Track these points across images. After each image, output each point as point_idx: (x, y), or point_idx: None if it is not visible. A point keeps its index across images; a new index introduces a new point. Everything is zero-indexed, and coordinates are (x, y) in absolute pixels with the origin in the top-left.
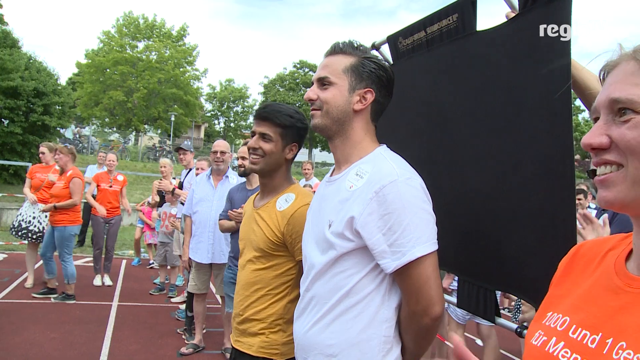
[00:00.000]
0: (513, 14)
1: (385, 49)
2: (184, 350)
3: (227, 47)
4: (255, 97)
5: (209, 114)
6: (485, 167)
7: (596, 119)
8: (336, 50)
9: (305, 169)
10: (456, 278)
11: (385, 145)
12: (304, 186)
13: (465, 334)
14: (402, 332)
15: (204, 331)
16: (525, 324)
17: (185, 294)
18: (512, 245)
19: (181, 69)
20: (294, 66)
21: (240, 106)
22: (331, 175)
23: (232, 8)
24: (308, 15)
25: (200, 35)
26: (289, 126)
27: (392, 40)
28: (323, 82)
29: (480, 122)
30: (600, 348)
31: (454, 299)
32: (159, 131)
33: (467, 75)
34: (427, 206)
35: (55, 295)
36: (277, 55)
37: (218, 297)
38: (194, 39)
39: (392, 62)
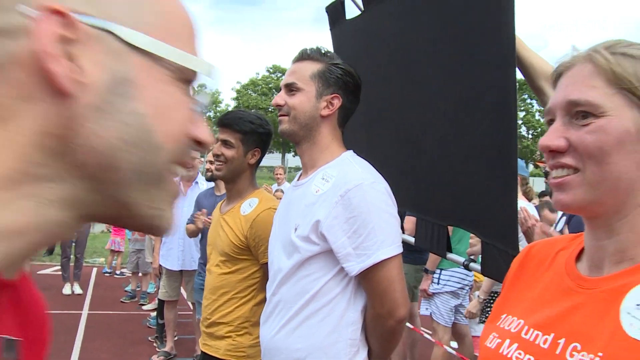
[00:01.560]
0: None
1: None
2: (155, 358)
3: (201, 52)
4: (228, 103)
5: None
6: (442, 111)
7: (550, 121)
8: (304, 56)
9: (277, 174)
10: (434, 279)
11: (352, 151)
12: (276, 191)
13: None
14: (368, 335)
15: (176, 338)
16: (472, 257)
17: (157, 301)
18: (462, 184)
19: None
20: (267, 71)
21: (212, 111)
22: (298, 179)
23: (206, 13)
24: (282, 20)
25: None
26: (250, 132)
27: None
28: (291, 88)
29: (440, 66)
30: (553, 348)
31: (411, 239)
32: None
33: (430, 21)
34: (392, 210)
35: None
36: (250, 61)
37: (189, 303)
38: None
39: (362, 9)
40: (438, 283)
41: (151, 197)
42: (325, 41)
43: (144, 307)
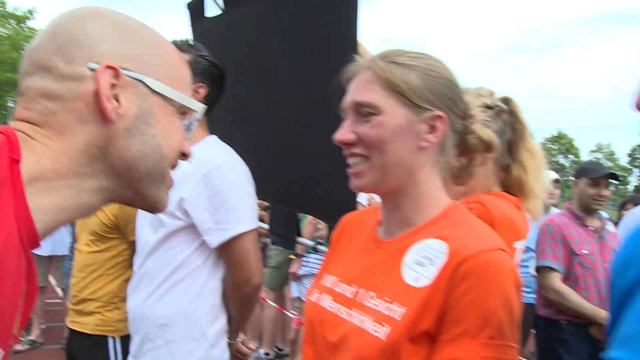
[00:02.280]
0: None
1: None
2: (19, 347)
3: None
4: None
5: None
6: (291, 109)
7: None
8: (183, 49)
9: None
10: (303, 262)
11: (215, 136)
12: None
13: None
14: (228, 302)
15: (43, 327)
16: (321, 240)
17: None
18: (308, 174)
19: (21, 52)
20: None
21: None
22: None
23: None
24: (166, 2)
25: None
26: None
27: None
28: None
29: (289, 68)
30: (355, 297)
31: (267, 225)
32: None
33: (281, 23)
34: (250, 189)
35: None
36: None
37: (59, 290)
38: (42, 23)
39: (222, 8)
40: (307, 266)
41: (157, 189)
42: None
43: None
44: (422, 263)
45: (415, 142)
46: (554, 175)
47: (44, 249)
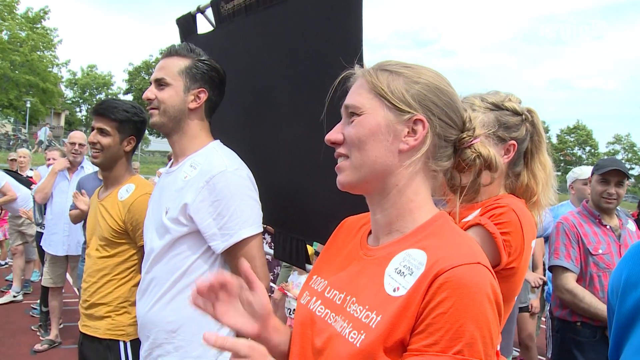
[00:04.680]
0: None
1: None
2: (38, 347)
3: (90, 32)
4: (120, 85)
5: (69, 102)
6: (296, 128)
7: None
8: (172, 52)
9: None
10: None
11: (219, 141)
12: None
13: None
14: None
15: (61, 326)
16: None
17: (13, 294)
18: (316, 200)
19: (39, 53)
20: (161, 53)
21: (104, 93)
22: (170, 167)
23: None
24: (174, 2)
25: (61, 18)
26: (125, 120)
27: (215, 4)
28: (160, 83)
29: (292, 85)
30: (342, 303)
31: (271, 251)
32: (11, 119)
33: (280, 42)
34: (253, 194)
35: None
36: (142, 42)
37: (75, 289)
38: (55, 23)
39: (215, 25)
40: None
41: None
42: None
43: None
44: (402, 272)
45: (395, 144)
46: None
47: (60, 249)
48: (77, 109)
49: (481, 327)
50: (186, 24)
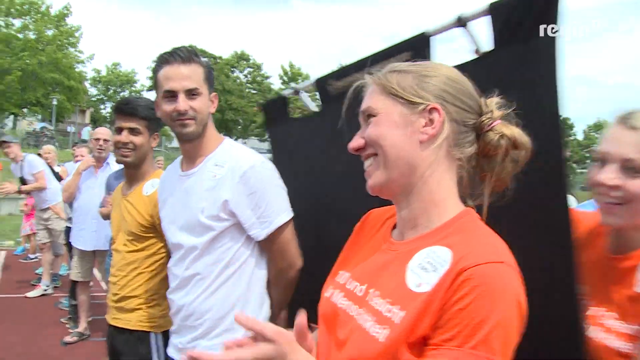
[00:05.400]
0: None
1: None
2: (68, 338)
3: (113, 29)
4: (145, 83)
5: (94, 99)
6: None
7: None
8: (190, 59)
9: None
10: None
11: (227, 137)
12: None
13: None
14: (272, 288)
15: (89, 319)
16: None
17: (44, 288)
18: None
19: (64, 52)
20: None
21: (127, 91)
22: (183, 170)
23: None
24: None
25: (84, 16)
26: (154, 118)
27: (321, 82)
28: (192, 93)
29: None
30: (364, 295)
31: None
32: (39, 116)
33: None
34: (281, 182)
35: None
36: (166, 39)
37: (103, 284)
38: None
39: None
40: None
41: None
42: (237, 23)
43: (28, 295)
44: (426, 269)
45: (414, 136)
46: None
47: (88, 243)
48: (102, 106)
49: (500, 325)
50: (275, 107)
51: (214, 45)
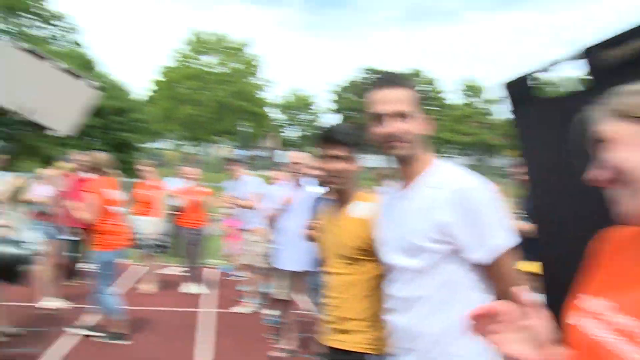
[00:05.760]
0: None
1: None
2: (275, 354)
3: (293, 56)
4: (322, 105)
5: (279, 124)
6: None
7: None
8: (402, 83)
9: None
10: None
11: (439, 158)
12: None
13: None
14: None
15: (296, 336)
16: None
17: (252, 306)
18: None
19: (250, 79)
20: (366, 72)
21: (309, 114)
22: (399, 191)
23: (296, 17)
24: (372, 21)
25: (265, 46)
26: (360, 143)
27: (590, 52)
28: (404, 116)
29: None
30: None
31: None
32: (232, 144)
33: None
34: (499, 205)
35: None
36: (340, 62)
37: (306, 304)
38: (260, 50)
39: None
40: None
41: None
42: (406, 39)
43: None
44: None
45: None
46: None
47: (291, 264)
48: (286, 130)
49: None
50: (518, 87)
51: (387, 62)
